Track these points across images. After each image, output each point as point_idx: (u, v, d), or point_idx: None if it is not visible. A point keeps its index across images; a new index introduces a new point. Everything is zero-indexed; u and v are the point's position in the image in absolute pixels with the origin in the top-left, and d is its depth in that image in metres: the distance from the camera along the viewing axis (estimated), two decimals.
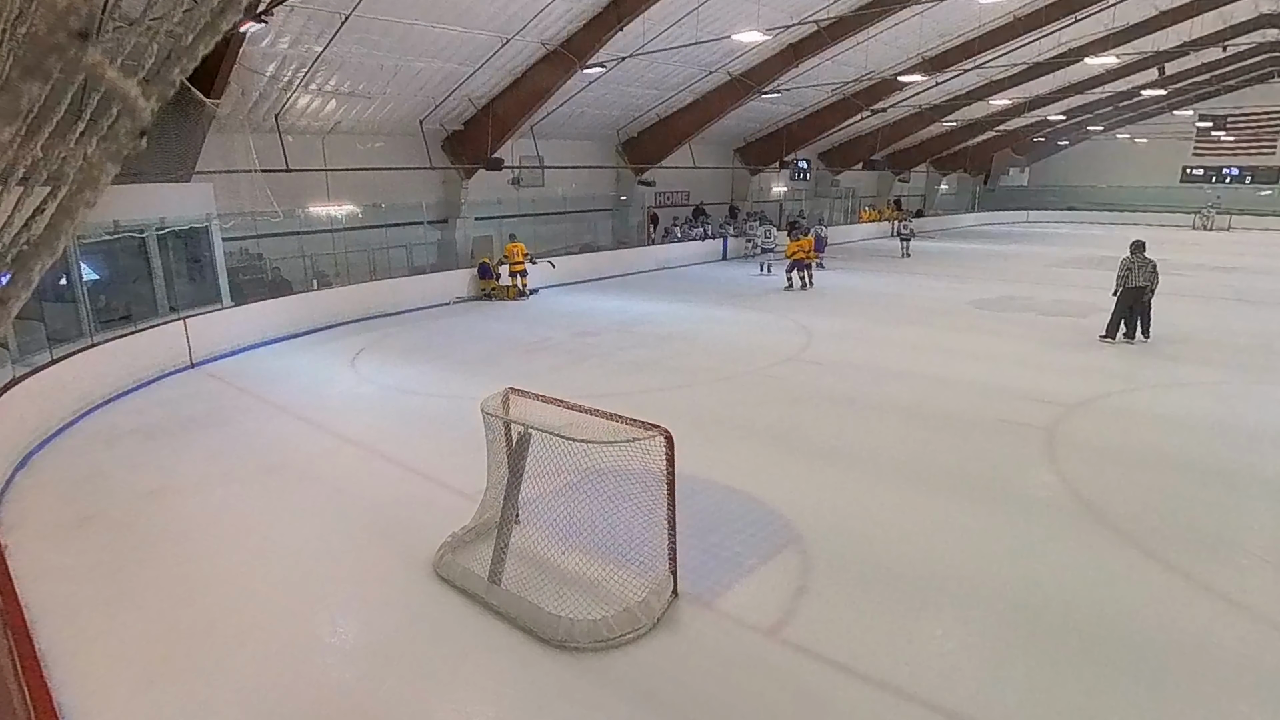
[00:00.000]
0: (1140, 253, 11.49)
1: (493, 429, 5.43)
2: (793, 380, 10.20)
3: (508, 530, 5.13)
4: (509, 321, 14.87)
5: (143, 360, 10.52)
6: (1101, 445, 7.50)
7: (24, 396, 7.98)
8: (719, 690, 4.10)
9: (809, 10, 15.77)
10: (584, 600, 4.74)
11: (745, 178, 27.43)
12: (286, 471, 7.31)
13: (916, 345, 12.02)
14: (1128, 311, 11.71)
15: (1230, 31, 21.65)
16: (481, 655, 4.45)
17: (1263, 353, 11.18)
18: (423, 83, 15.17)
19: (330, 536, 5.94)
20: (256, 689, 4.17)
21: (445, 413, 9.04)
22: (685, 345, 12.43)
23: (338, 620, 4.89)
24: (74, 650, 4.50)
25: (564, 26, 14.35)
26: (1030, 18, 18.76)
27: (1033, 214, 39.68)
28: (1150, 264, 11.44)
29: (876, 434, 8.04)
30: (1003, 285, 18.20)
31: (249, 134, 14.10)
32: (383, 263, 17.62)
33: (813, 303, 16.25)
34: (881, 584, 5.10)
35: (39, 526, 6.23)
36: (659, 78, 18.36)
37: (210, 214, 12.75)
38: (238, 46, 10.89)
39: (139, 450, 7.97)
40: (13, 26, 1.32)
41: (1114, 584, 5.02)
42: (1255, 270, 20.49)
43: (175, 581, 5.32)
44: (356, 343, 13.09)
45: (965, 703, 3.94)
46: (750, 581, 5.16)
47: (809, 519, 6.01)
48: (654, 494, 4.92)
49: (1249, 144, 34.35)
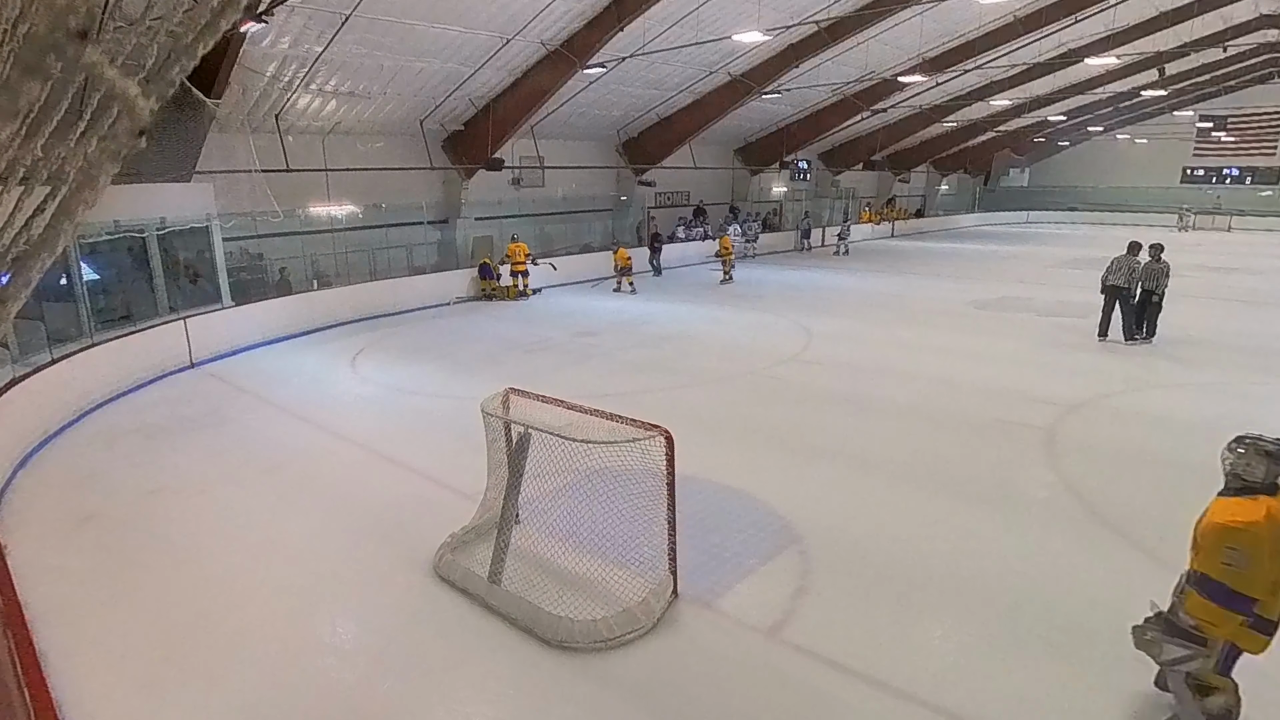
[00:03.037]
0: (1132, 254, 11.58)
1: (493, 429, 5.43)
2: (793, 380, 10.19)
3: (508, 530, 5.12)
4: (509, 321, 14.87)
5: (143, 360, 10.52)
6: (1101, 445, 7.50)
7: (24, 396, 7.98)
8: (719, 690, 4.10)
9: (809, 10, 15.76)
10: (584, 600, 4.74)
11: (745, 178, 27.43)
12: (286, 471, 7.31)
13: (917, 345, 12.02)
14: (1113, 310, 11.84)
15: (1230, 32, 21.65)
16: (481, 655, 4.45)
17: (1263, 353, 11.18)
18: (423, 83, 15.17)
19: (330, 536, 5.94)
20: (256, 689, 4.17)
21: (445, 413, 9.04)
22: (685, 345, 12.43)
23: (338, 620, 4.89)
24: (74, 650, 4.50)
25: (564, 26, 14.34)
26: (1030, 18, 18.76)
27: (1033, 214, 39.69)
28: (1133, 265, 11.51)
29: (876, 434, 8.03)
30: (1003, 285, 18.20)
31: (249, 134, 14.11)
32: (383, 263, 17.62)
33: (813, 303, 16.25)
34: (881, 584, 5.10)
35: (39, 526, 6.23)
36: (659, 78, 18.35)
37: (210, 214, 12.74)
38: (238, 46, 10.88)
39: (139, 450, 7.97)
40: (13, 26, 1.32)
41: (1114, 584, 5.02)
42: (1254, 270, 20.49)
43: (175, 581, 5.32)
44: (356, 343, 13.09)
45: (965, 703, 3.94)
46: (750, 582, 5.15)
47: (809, 519, 6.01)
48: (654, 494, 4.91)
49: (1249, 144, 34.36)
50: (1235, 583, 3.09)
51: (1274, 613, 3.18)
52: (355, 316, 14.80)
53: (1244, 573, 3.07)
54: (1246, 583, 3.07)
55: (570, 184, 21.83)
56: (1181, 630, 3.34)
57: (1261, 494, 3.17)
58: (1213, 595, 3.17)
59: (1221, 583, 3.13)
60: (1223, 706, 3.34)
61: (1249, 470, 3.22)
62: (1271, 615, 3.17)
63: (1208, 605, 3.19)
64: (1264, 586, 3.08)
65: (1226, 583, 3.11)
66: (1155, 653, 3.45)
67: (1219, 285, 17.84)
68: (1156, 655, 3.45)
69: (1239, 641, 3.23)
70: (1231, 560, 3.09)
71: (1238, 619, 3.14)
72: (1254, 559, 3.04)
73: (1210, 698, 3.35)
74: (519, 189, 20.43)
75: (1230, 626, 3.18)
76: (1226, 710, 3.35)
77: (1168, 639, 3.38)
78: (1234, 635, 3.20)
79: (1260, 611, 3.14)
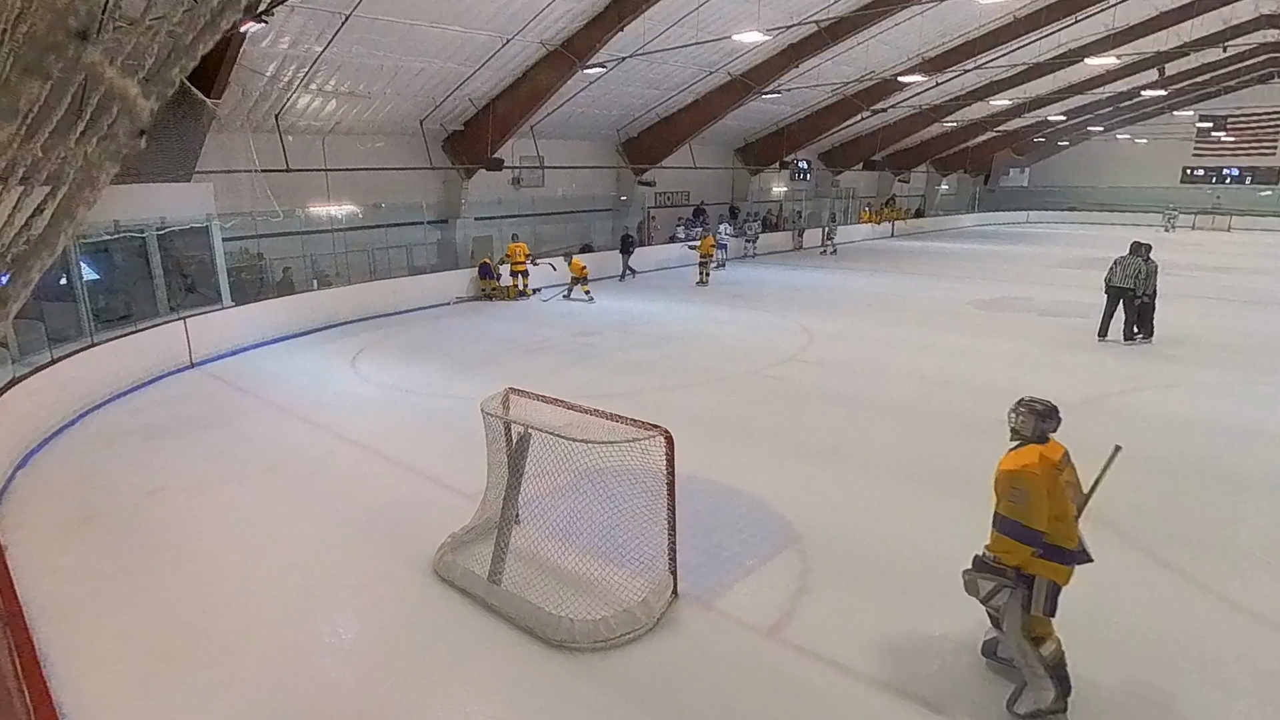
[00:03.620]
0: (1135, 254, 11.54)
1: (493, 429, 5.43)
2: (793, 380, 10.19)
3: (508, 530, 5.13)
4: (509, 321, 14.87)
5: (143, 360, 10.52)
6: (1101, 446, 7.46)
7: (24, 396, 7.99)
8: (719, 690, 4.10)
9: (809, 10, 15.77)
10: (584, 600, 4.74)
11: (745, 178, 27.43)
12: (286, 471, 7.32)
13: (916, 345, 12.02)
14: (1116, 310, 11.81)
15: (1230, 32, 21.63)
16: (481, 655, 4.45)
17: (1262, 353, 11.18)
18: (423, 83, 15.17)
19: (330, 536, 5.94)
20: (256, 689, 4.17)
21: (445, 413, 9.04)
22: (685, 345, 12.43)
23: (338, 620, 4.89)
24: (74, 650, 4.51)
25: (564, 26, 14.34)
26: (1030, 18, 18.76)
27: (1033, 214, 39.69)
28: (1134, 265, 11.48)
29: (876, 434, 8.04)
30: (1003, 285, 18.20)
31: (249, 134, 14.11)
32: (383, 263, 17.62)
33: (813, 303, 16.26)
34: (881, 584, 5.11)
35: (39, 526, 6.23)
36: (659, 78, 18.35)
37: (210, 214, 12.74)
38: (238, 46, 10.89)
39: (139, 450, 7.97)
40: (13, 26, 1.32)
41: (1114, 584, 5.01)
42: (1254, 270, 20.49)
43: (175, 581, 5.32)
44: (356, 343, 13.09)
45: (965, 703, 3.95)
46: (750, 582, 5.15)
47: (809, 519, 6.01)
48: (654, 494, 4.92)
49: (1249, 144, 34.37)
50: (1022, 518, 3.63)
51: (1064, 542, 3.70)
52: (355, 316, 14.80)
53: (1026, 508, 3.62)
54: (1030, 516, 3.62)
55: (570, 184, 21.83)
56: (987, 565, 3.83)
57: (1034, 444, 3.81)
58: (1006, 530, 3.70)
59: (1012, 519, 3.66)
60: (1055, 653, 3.79)
61: (1024, 426, 3.88)
62: (1062, 544, 3.70)
63: (1003, 539, 3.72)
64: (1044, 519, 3.62)
65: (1016, 519, 3.65)
66: (974, 591, 3.91)
67: (1219, 285, 17.84)
68: (976, 593, 3.91)
69: (1044, 572, 3.71)
70: (1015, 499, 3.65)
71: (1027, 550, 3.67)
72: (1033, 496, 3.62)
73: (1043, 646, 3.79)
74: (519, 189, 20.43)
75: (1022, 555, 3.69)
76: (1059, 656, 3.80)
77: (980, 575, 3.86)
78: (1027, 564, 3.71)
79: (1050, 542, 3.66)
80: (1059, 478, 3.72)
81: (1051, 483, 3.66)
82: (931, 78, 21.52)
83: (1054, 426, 3.87)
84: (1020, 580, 3.74)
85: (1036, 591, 3.71)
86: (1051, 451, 3.80)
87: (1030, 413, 3.87)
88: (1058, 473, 3.73)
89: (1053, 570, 3.71)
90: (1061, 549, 3.70)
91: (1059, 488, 3.69)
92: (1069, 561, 3.73)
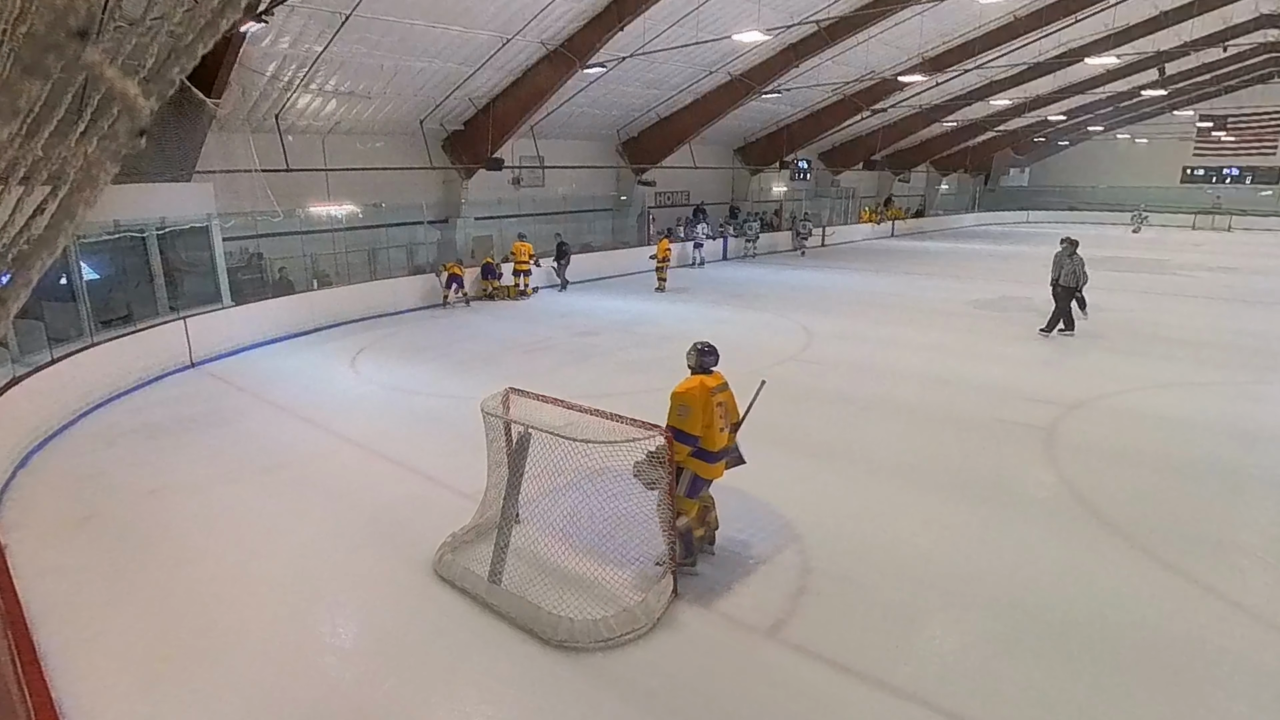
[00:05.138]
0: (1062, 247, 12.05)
1: (493, 429, 5.43)
2: (793, 380, 10.18)
3: (508, 530, 5.12)
4: (509, 321, 14.87)
5: (143, 360, 10.52)
6: (1101, 445, 7.50)
7: (24, 396, 7.98)
8: (719, 690, 4.10)
9: (809, 10, 15.77)
10: (584, 600, 4.74)
11: (745, 178, 27.43)
12: (286, 471, 7.31)
13: (916, 345, 12.02)
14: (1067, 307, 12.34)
15: (1230, 32, 21.64)
16: (481, 655, 4.45)
17: (1262, 353, 11.19)
18: (423, 83, 15.17)
19: (330, 536, 5.94)
20: (256, 689, 4.17)
21: (445, 413, 9.04)
22: (685, 345, 12.26)
23: (338, 620, 4.89)
24: (74, 650, 4.50)
25: (564, 26, 14.34)
26: (1030, 18, 18.76)
27: (1033, 214, 39.70)
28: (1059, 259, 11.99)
29: (876, 434, 8.04)
30: (1003, 285, 18.20)
31: (249, 134, 14.11)
32: (383, 263, 17.62)
33: (813, 303, 16.25)
34: (881, 584, 5.10)
35: (39, 526, 6.23)
36: (659, 78, 18.35)
37: (210, 214, 12.74)
38: (238, 46, 10.88)
39: (139, 450, 7.97)
40: (13, 26, 1.32)
41: (1113, 584, 5.02)
42: (1254, 270, 20.48)
43: (175, 581, 5.32)
44: (356, 343, 13.09)
45: (965, 703, 3.95)
46: (750, 582, 5.16)
47: (809, 519, 6.01)
48: (654, 494, 4.91)
49: (1249, 144, 34.39)
50: (684, 426, 4.92)
51: (712, 446, 5.03)
52: (355, 316, 14.80)
53: (687, 420, 4.92)
54: (689, 425, 4.92)
55: (570, 184, 21.83)
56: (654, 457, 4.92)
57: (699, 374, 5.19)
58: (675, 437, 4.86)
59: (678, 428, 4.91)
60: (686, 525, 5.08)
61: (690, 360, 5.30)
62: (711, 448, 5.03)
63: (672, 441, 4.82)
64: (698, 428, 4.92)
65: (681, 427, 4.92)
66: (642, 476, 5.02)
67: (1218, 285, 17.84)
68: (643, 478, 5.02)
69: (692, 467, 5.03)
70: (681, 413, 4.95)
71: (686, 449, 4.95)
72: (692, 410, 4.92)
73: (679, 518, 5.00)
74: (519, 189, 20.42)
75: (683, 454, 4.96)
76: (688, 528, 5.11)
77: (648, 465, 4.95)
78: (686, 461, 5.00)
79: (703, 446, 4.99)
80: (711, 400, 5.03)
81: (705, 403, 4.97)
82: (931, 78, 21.52)
83: (713, 361, 5.27)
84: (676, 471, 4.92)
85: (683, 479, 5.03)
86: (711, 380, 5.14)
87: (696, 352, 5.26)
88: (711, 396, 5.03)
89: (699, 466, 5.05)
90: (708, 451, 5.03)
91: (710, 407, 5.01)
92: (714, 460, 5.08)
